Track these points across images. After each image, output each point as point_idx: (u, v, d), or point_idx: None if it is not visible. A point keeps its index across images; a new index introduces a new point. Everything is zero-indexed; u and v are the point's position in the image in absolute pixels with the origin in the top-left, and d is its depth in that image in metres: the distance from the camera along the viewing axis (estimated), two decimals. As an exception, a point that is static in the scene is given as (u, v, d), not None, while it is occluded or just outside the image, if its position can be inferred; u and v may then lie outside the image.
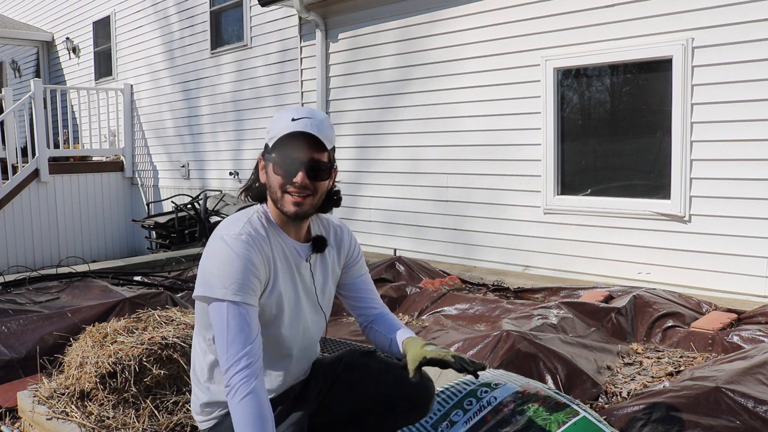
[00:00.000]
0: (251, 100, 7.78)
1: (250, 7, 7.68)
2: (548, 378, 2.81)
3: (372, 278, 2.09)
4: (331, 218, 1.97)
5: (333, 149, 1.77)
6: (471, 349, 3.02)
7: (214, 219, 7.52)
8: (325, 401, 1.93)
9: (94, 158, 10.02)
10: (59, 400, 2.58)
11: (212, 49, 8.28)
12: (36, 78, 10.72)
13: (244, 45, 7.80)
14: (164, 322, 2.82)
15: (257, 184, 1.82)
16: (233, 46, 7.98)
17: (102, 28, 10.55)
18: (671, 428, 2.15)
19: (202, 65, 8.49)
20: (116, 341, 2.62)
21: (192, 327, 2.73)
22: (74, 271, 5.09)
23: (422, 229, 5.98)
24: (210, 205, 7.71)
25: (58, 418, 2.48)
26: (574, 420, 1.97)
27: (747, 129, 4.06)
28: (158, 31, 9.25)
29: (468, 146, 5.55)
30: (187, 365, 2.54)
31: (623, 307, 3.71)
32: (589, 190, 4.84)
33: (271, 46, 7.44)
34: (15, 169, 8.57)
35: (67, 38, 11.45)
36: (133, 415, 2.42)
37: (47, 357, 3.15)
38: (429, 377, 1.95)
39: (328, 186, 1.80)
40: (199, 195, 8.02)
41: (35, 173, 8.77)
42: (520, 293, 4.61)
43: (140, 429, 2.35)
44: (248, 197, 1.83)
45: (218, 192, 8.20)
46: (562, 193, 4.97)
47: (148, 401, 2.47)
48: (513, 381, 2.18)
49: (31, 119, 8.81)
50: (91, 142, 9.59)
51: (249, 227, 1.71)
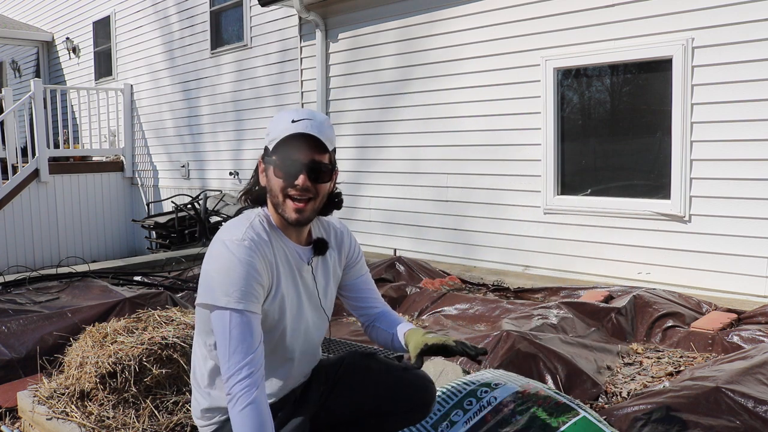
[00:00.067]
0: (251, 100, 7.77)
1: (250, 7, 7.67)
2: (548, 378, 2.81)
3: (372, 278, 2.09)
4: (331, 219, 1.96)
5: (334, 150, 1.75)
6: (471, 349, 3.02)
7: (214, 219, 7.53)
8: (327, 403, 1.93)
9: (94, 158, 10.01)
10: (59, 400, 2.58)
11: (212, 49, 8.28)
12: (36, 78, 10.72)
13: (244, 45, 7.80)
14: (164, 322, 2.82)
15: (257, 188, 1.79)
16: (233, 46, 7.98)
17: (102, 28, 10.55)
18: (671, 428, 2.15)
19: (202, 65, 8.49)
20: (116, 341, 2.62)
21: (192, 327, 2.73)
22: (74, 271, 5.09)
23: (422, 229, 5.98)
24: (210, 205, 7.71)
25: (58, 418, 2.48)
26: (574, 420, 1.97)
27: (747, 129, 4.06)
28: (158, 31, 9.25)
29: (468, 146, 5.55)
30: (187, 365, 2.54)
31: (623, 307, 3.71)
32: (589, 190, 4.84)
33: (271, 46, 7.44)
34: (15, 169, 8.57)
35: (67, 38, 11.45)
36: (133, 415, 2.41)
37: (47, 357, 3.15)
38: (429, 378, 1.95)
39: (330, 188, 1.77)
40: (199, 195, 8.02)
41: (35, 173, 8.77)
42: (520, 293, 4.61)
43: (140, 429, 2.35)
44: (248, 201, 1.81)
45: (218, 192, 8.20)
46: (562, 193, 4.97)
47: (148, 401, 2.46)
48: (513, 381, 2.18)
49: (31, 119, 8.81)
50: (91, 142, 9.59)
51: (251, 232, 1.68)
